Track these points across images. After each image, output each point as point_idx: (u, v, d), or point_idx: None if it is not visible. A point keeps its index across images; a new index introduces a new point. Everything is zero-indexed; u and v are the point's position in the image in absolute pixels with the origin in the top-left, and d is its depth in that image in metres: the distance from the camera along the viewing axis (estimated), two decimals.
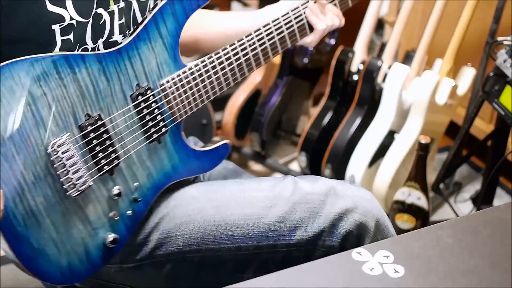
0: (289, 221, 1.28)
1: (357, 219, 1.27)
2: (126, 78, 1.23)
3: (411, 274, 1.01)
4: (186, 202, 1.31)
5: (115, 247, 1.25)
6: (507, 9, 2.28)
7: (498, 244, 1.08)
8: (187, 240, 1.28)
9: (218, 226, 1.28)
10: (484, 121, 2.60)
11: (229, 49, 1.34)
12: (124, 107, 1.23)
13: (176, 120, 1.30)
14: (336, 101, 2.49)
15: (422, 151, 2.11)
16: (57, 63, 1.15)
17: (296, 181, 1.33)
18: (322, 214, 1.28)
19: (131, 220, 1.26)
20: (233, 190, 1.33)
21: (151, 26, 1.26)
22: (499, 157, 2.16)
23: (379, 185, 2.32)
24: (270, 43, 1.40)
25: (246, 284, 1.02)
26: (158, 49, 1.27)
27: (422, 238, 1.10)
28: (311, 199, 1.29)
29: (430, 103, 2.30)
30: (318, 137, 2.47)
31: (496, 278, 1.01)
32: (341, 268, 1.02)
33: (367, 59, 2.40)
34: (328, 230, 1.28)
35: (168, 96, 1.28)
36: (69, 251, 1.20)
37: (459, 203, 2.54)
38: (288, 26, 1.42)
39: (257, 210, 1.29)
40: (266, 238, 1.28)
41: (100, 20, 1.24)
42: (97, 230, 1.22)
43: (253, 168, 2.80)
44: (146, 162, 1.27)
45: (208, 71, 1.32)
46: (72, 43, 1.21)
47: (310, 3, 1.44)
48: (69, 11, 1.19)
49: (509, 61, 1.87)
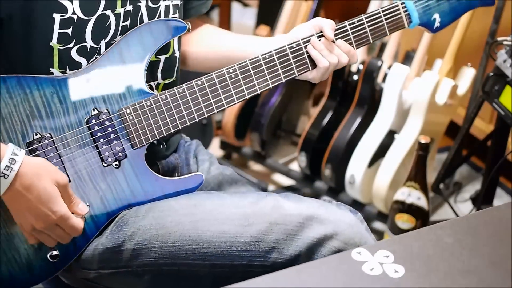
0: (264, 242, 1.23)
1: (336, 246, 1.21)
2: (82, 102, 1.24)
3: (411, 274, 1.01)
4: (164, 214, 1.28)
5: (57, 263, 1.26)
6: (507, 9, 2.28)
7: (498, 244, 1.08)
8: (162, 253, 1.26)
9: (193, 242, 1.25)
10: (484, 121, 2.60)
11: (204, 80, 1.28)
12: (76, 129, 1.24)
13: (135, 146, 1.28)
14: (336, 101, 2.49)
15: (422, 151, 2.11)
16: (8, 83, 1.19)
17: (278, 200, 1.27)
18: (299, 238, 1.22)
19: (79, 239, 1.27)
20: (213, 205, 1.28)
21: (114, 52, 1.26)
22: (499, 157, 2.15)
23: (379, 185, 2.32)
24: (258, 76, 1.30)
25: (246, 284, 1.02)
26: (121, 76, 1.26)
27: (422, 238, 1.10)
28: (289, 221, 1.23)
29: (430, 103, 2.30)
30: (318, 137, 2.47)
31: (496, 278, 1.01)
32: (341, 268, 1.02)
33: (367, 59, 2.39)
34: (304, 255, 1.22)
35: (127, 122, 1.26)
36: (10, 260, 1.23)
37: (459, 203, 2.54)
38: (282, 60, 1.31)
39: (233, 228, 1.24)
40: (240, 258, 1.24)
41: (106, 22, 1.25)
42: (40, 244, 1.24)
43: (253, 168, 2.80)
44: (100, 184, 1.27)
45: (176, 100, 1.27)
46: (69, 37, 1.22)
47: (313, 38, 1.32)
48: (74, 4, 1.21)
49: (509, 61, 1.87)
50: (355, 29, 1.34)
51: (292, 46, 1.32)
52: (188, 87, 1.28)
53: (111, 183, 1.27)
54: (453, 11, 1.39)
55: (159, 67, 1.35)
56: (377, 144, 2.34)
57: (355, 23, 1.34)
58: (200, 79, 1.28)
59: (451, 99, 2.35)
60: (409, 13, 1.36)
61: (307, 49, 1.33)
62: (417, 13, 1.36)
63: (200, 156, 1.48)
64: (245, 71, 1.30)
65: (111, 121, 1.26)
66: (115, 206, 1.29)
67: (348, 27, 1.34)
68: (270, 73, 1.31)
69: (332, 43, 1.33)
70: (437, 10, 1.37)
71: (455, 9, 1.39)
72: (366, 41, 1.36)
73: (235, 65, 1.30)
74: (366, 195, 2.39)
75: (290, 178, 2.63)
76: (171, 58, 1.36)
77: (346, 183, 2.39)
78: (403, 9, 1.36)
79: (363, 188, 2.37)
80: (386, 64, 2.38)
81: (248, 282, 1.02)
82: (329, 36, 1.32)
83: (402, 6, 1.36)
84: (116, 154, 1.27)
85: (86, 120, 1.24)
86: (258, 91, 1.31)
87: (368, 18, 1.35)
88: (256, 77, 1.31)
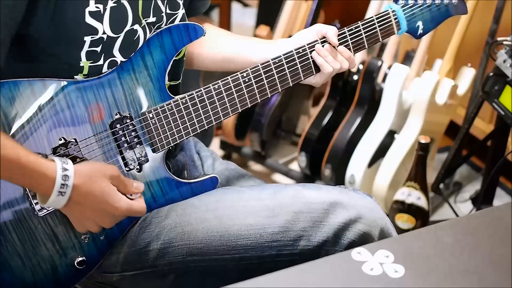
0: (292, 231, 1.27)
1: (361, 229, 1.27)
2: (105, 105, 1.24)
3: (411, 274, 1.01)
4: (187, 212, 1.30)
5: (82, 269, 1.27)
6: (507, 9, 2.28)
7: (498, 244, 1.08)
8: (190, 249, 1.28)
9: (221, 237, 1.27)
10: (484, 121, 2.60)
11: (221, 84, 1.31)
12: (100, 133, 1.24)
13: (157, 150, 1.29)
14: (336, 101, 2.49)
15: (422, 151, 2.11)
16: (34, 86, 1.18)
17: (298, 190, 1.32)
18: (325, 224, 1.27)
19: (103, 244, 1.27)
20: (234, 199, 1.31)
21: (137, 57, 1.26)
22: (499, 157, 2.15)
23: (379, 185, 2.32)
24: (269, 80, 1.34)
25: (246, 284, 1.02)
26: (143, 80, 1.27)
27: (422, 238, 1.10)
28: (314, 208, 1.28)
29: (430, 103, 2.30)
30: (318, 137, 2.47)
31: (496, 278, 1.01)
32: (341, 268, 1.02)
33: (367, 59, 2.40)
34: (332, 240, 1.27)
35: (149, 126, 1.27)
36: (35, 266, 1.23)
37: (459, 203, 2.54)
38: (291, 65, 1.35)
39: (260, 220, 1.28)
40: (269, 249, 1.28)
41: (134, 36, 1.26)
42: (66, 250, 1.25)
43: (253, 168, 2.80)
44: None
45: (196, 104, 1.29)
46: (97, 53, 1.23)
47: (318, 45, 1.36)
48: (104, 25, 1.21)
49: (509, 61, 1.87)
50: (353, 35, 1.39)
51: (299, 52, 1.36)
52: (206, 91, 1.30)
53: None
54: (434, 19, 1.47)
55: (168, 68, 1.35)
56: (377, 144, 2.35)
57: (353, 30, 1.39)
58: (217, 83, 1.30)
59: (451, 99, 2.35)
60: (398, 20, 1.43)
61: (312, 56, 1.36)
62: (405, 20, 1.43)
63: (203, 153, 1.50)
64: (257, 75, 1.33)
65: (134, 125, 1.26)
66: None
67: (347, 33, 1.38)
68: (280, 78, 1.35)
69: (335, 49, 1.37)
70: (421, 18, 1.45)
71: (435, 17, 1.46)
72: (362, 47, 1.41)
73: (248, 70, 1.32)
74: None
75: (290, 178, 2.63)
76: (180, 60, 1.37)
77: (346, 183, 2.39)
78: (394, 17, 1.42)
79: (363, 188, 2.36)
80: (386, 64, 2.38)
81: (248, 282, 1.02)
82: (335, 42, 1.36)
83: (393, 14, 1.42)
84: (139, 158, 1.28)
85: (110, 125, 1.25)
86: (268, 95, 1.35)
87: (365, 25, 1.40)
88: (268, 81, 1.34)
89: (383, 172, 2.32)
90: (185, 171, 1.44)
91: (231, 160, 2.81)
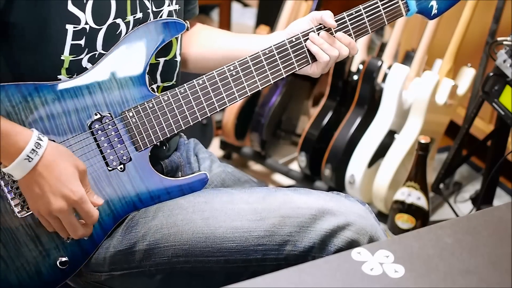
0: (278, 235, 1.24)
1: (349, 237, 1.23)
2: (83, 106, 1.24)
3: (411, 274, 1.01)
4: (174, 213, 1.28)
5: (66, 269, 1.27)
6: (507, 9, 2.28)
7: (498, 244, 1.08)
8: (176, 251, 1.26)
9: (206, 239, 1.25)
10: (484, 121, 2.60)
11: (205, 78, 1.28)
12: (79, 134, 1.24)
13: (140, 149, 1.28)
14: (336, 101, 2.49)
15: (422, 151, 2.11)
16: (9, 91, 1.19)
17: (287, 194, 1.29)
18: (312, 230, 1.24)
19: (87, 245, 1.27)
20: (223, 201, 1.29)
21: (115, 56, 1.26)
22: (499, 157, 2.16)
23: (379, 185, 2.32)
24: (258, 72, 1.30)
25: (246, 284, 1.02)
26: (122, 79, 1.26)
27: (422, 238, 1.10)
28: (301, 214, 1.24)
29: (430, 103, 2.30)
30: (318, 137, 2.47)
31: (496, 278, 1.01)
32: (341, 268, 1.02)
33: (367, 59, 2.40)
34: (318, 247, 1.24)
35: (130, 125, 1.26)
36: (18, 269, 1.24)
37: (459, 203, 2.54)
38: (283, 55, 1.31)
39: (246, 223, 1.25)
40: (255, 252, 1.25)
41: (116, 30, 1.25)
42: (48, 251, 1.25)
43: (253, 168, 2.80)
44: (106, 188, 1.27)
45: (179, 100, 1.28)
46: (81, 48, 1.23)
47: (312, 34, 1.31)
48: (86, 15, 1.21)
49: (509, 61, 1.87)
50: (354, 20, 1.33)
51: (291, 41, 1.31)
52: (190, 86, 1.28)
53: (116, 187, 1.27)
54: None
55: (158, 69, 1.34)
56: (377, 144, 2.34)
57: (354, 14, 1.33)
58: (201, 78, 1.28)
59: (451, 99, 2.35)
60: (406, 1, 1.35)
61: (307, 44, 1.32)
62: (414, 0, 1.35)
63: (201, 155, 1.48)
64: (246, 68, 1.30)
65: (114, 124, 1.26)
66: (121, 210, 1.29)
67: (346, 18, 1.33)
68: (270, 69, 1.31)
69: (332, 36, 1.32)
70: None
71: None
72: (365, 31, 1.34)
73: (235, 62, 1.30)
74: (366, 195, 2.39)
75: (290, 178, 2.63)
76: (171, 61, 1.36)
77: (346, 183, 2.39)
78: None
79: (363, 188, 2.37)
80: (386, 64, 2.38)
81: (248, 282, 1.02)
82: (331, 23, 1.30)
83: None
84: (120, 157, 1.27)
85: (88, 125, 1.24)
86: (259, 87, 1.31)
87: (367, 8, 1.33)
88: (257, 73, 1.31)
89: (383, 172, 2.32)
90: (180, 172, 1.43)
91: (231, 160, 2.82)
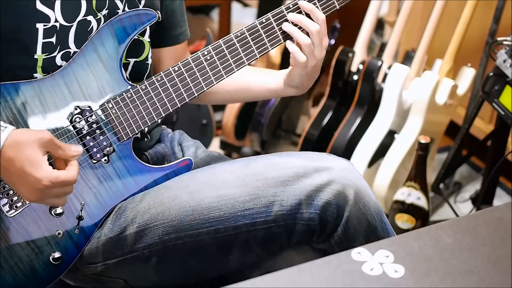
0: (263, 197, 1.24)
1: (335, 189, 1.23)
2: (62, 101, 1.25)
3: (411, 274, 1.01)
4: (160, 192, 1.30)
5: (60, 265, 1.27)
6: (507, 9, 2.29)
7: (498, 244, 1.08)
8: (165, 229, 1.27)
9: (193, 211, 1.26)
10: (484, 121, 2.60)
11: (181, 65, 1.30)
12: (61, 129, 1.25)
13: (122, 139, 1.29)
14: (336, 101, 2.49)
15: (422, 151, 2.11)
16: None
17: (269, 158, 1.30)
18: (297, 187, 1.24)
19: (79, 238, 1.28)
20: (206, 174, 1.30)
21: (89, 49, 1.27)
22: (499, 157, 2.16)
23: (379, 185, 2.32)
24: (232, 54, 1.32)
25: (246, 284, 1.02)
26: (99, 71, 1.27)
27: (422, 238, 1.10)
28: (284, 173, 1.25)
29: (430, 103, 2.30)
30: (318, 137, 2.47)
31: (496, 278, 1.01)
32: (341, 268, 1.02)
33: (367, 59, 2.40)
34: (305, 203, 1.23)
35: (110, 116, 1.28)
36: (12, 267, 1.24)
37: (459, 203, 2.54)
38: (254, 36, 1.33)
39: (231, 190, 1.26)
40: (243, 217, 1.25)
41: (88, 27, 1.27)
42: (41, 248, 1.26)
43: None
44: (92, 181, 1.28)
45: (156, 88, 1.29)
46: (53, 45, 1.24)
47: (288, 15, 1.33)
48: (56, 13, 1.22)
49: (509, 61, 1.87)
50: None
51: (262, 21, 1.33)
52: (166, 73, 1.30)
53: (102, 179, 1.29)
54: None
55: (127, 70, 1.36)
56: (377, 144, 2.35)
57: None
58: (177, 65, 1.30)
59: (451, 99, 2.35)
60: None
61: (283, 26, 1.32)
62: None
63: (185, 143, 1.50)
64: (219, 51, 1.31)
65: (95, 117, 1.27)
66: (109, 201, 1.30)
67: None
68: (244, 50, 1.33)
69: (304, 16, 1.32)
70: None
71: None
72: (332, 7, 1.33)
73: (209, 47, 1.32)
74: None
75: None
76: (142, 63, 1.37)
77: None
78: None
79: None
80: (386, 64, 2.38)
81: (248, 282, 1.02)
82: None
83: None
84: (104, 149, 1.28)
85: (70, 120, 1.25)
86: (234, 69, 1.33)
87: None
88: (231, 55, 1.32)
89: (383, 172, 2.32)
90: (165, 162, 1.44)
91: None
